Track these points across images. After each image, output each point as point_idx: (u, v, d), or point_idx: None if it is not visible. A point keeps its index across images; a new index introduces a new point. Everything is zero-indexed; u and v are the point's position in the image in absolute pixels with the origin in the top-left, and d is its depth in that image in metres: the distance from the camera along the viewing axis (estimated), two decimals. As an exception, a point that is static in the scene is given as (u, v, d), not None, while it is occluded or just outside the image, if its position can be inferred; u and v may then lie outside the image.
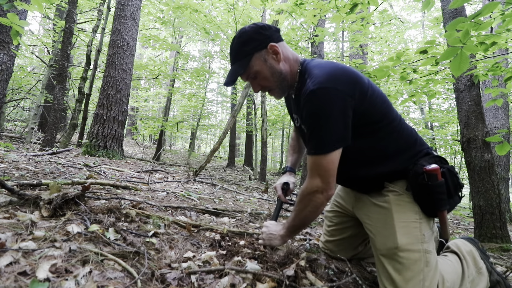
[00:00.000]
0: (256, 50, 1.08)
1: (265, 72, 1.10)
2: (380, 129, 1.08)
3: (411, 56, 3.16)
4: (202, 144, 25.35)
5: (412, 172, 1.06)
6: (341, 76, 0.99)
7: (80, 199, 1.27)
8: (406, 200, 1.08)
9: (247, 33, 1.09)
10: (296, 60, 1.14)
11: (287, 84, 1.14)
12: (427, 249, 1.02)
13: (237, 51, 1.10)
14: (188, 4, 5.69)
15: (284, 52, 1.11)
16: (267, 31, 1.09)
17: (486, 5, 1.14)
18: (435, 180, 1.02)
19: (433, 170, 1.02)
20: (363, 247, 1.42)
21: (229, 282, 0.93)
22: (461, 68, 1.25)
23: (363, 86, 1.02)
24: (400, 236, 1.03)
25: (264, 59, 1.09)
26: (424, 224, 1.06)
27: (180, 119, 10.99)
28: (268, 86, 1.14)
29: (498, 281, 1.22)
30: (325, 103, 0.96)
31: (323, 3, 3.14)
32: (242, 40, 1.09)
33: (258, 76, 1.12)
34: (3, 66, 3.61)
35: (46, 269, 0.76)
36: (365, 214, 1.19)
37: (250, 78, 1.13)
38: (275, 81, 1.12)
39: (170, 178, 3.45)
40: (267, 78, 1.11)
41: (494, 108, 4.89)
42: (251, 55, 1.08)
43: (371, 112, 1.05)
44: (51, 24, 9.49)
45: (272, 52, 1.09)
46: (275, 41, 1.09)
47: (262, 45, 1.08)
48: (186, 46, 15.02)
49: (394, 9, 14.17)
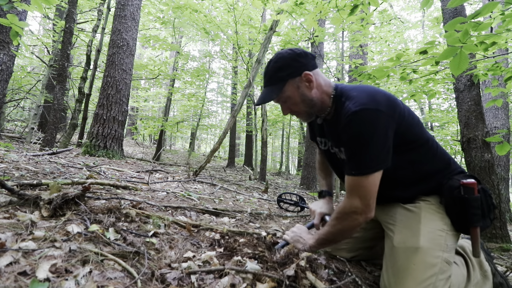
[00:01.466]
0: (290, 77, 1.11)
1: (296, 98, 1.13)
2: (416, 149, 1.11)
3: (411, 56, 3.16)
4: (202, 144, 25.34)
5: (447, 185, 1.08)
6: (381, 98, 1.01)
7: (80, 199, 1.27)
8: (437, 211, 1.10)
9: (284, 59, 1.11)
10: (329, 86, 1.16)
11: (316, 110, 1.17)
12: (447, 259, 1.02)
13: (272, 75, 1.14)
14: (188, 4, 5.69)
15: (317, 79, 1.14)
16: (303, 58, 1.12)
17: (485, 5, 1.15)
18: (471, 194, 1.03)
19: (470, 183, 1.03)
20: (364, 250, 1.41)
21: (229, 282, 0.93)
22: (461, 67, 1.25)
23: (400, 108, 1.05)
24: (423, 239, 1.03)
25: (297, 86, 1.12)
26: (450, 236, 1.06)
27: (180, 119, 10.99)
28: (297, 111, 1.18)
29: (501, 283, 1.22)
30: (368, 124, 0.98)
31: (324, 3, 3.14)
32: (278, 66, 1.12)
33: (289, 101, 1.15)
34: (3, 66, 3.61)
35: (46, 269, 0.76)
36: (388, 215, 1.20)
37: (281, 101, 1.17)
38: (305, 107, 1.15)
39: (170, 178, 3.45)
40: (297, 104, 1.15)
41: (494, 108, 4.89)
42: (286, 81, 1.11)
43: (408, 133, 1.07)
44: (51, 24, 9.49)
45: (305, 80, 1.11)
46: (310, 69, 1.12)
47: (297, 72, 1.11)
48: (186, 46, 15.02)
49: (394, 9, 14.18)
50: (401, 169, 1.11)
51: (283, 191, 4.65)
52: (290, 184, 6.71)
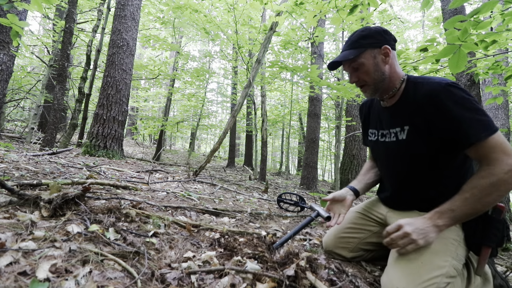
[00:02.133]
0: (370, 46, 1.15)
1: (370, 67, 1.16)
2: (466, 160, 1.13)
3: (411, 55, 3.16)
4: (202, 144, 25.34)
5: None
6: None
7: (80, 199, 1.27)
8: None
9: (369, 30, 1.17)
10: (400, 72, 1.21)
11: (383, 86, 1.19)
12: (456, 266, 1.02)
13: (354, 40, 1.18)
14: (188, 4, 5.69)
15: (393, 58, 1.19)
16: (387, 35, 1.18)
17: (484, 3, 1.14)
18: (499, 215, 1.04)
19: (501, 206, 1.05)
20: (365, 252, 1.41)
21: (229, 282, 0.93)
22: (459, 66, 1.26)
23: None
24: (435, 242, 1.03)
25: (374, 56, 1.16)
26: (461, 248, 1.07)
27: (180, 119, 10.99)
28: (366, 80, 1.19)
29: (501, 285, 1.21)
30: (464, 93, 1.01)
31: (324, 3, 3.14)
32: (363, 34, 1.17)
33: (361, 68, 1.17)
34: (3, 66, 3.61)
35: (46, 269, 0.76)
36: (401, 217, 1.18)
37: (352, 67, 1.19)
38: (374, 79, 1.18)
39: (170, 178, 3.45)
40: (369, 73, 1.17)
41: (494, 108, 4.89)
42: (365, 48, 1.16)
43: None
44: (51, 24, 9.50)
45: (383, 53, 1.16)
46: (390, 47, 1.17)
47: (378, 44, 1.16)
48: (186, 46, 15.02)
49: (394, 9, 14.17)
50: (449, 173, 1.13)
51: (283, 191, 4.65)
52: (290, 184, 6.72)
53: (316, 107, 6.32)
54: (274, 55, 7.36)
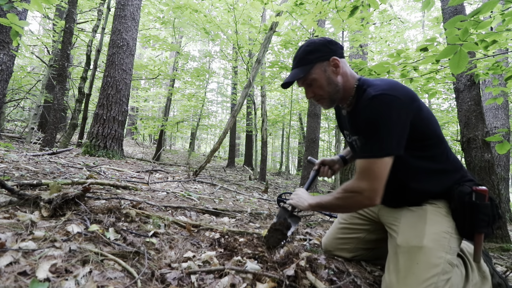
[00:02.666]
0: (319, 60, 1.15)
1: (322, 81, 1.16)
2: (432, 146, 1.12)
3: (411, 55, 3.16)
4: (202, 144, 25.34)
5: (457, 191, 1.09)
6: (402, 89, 1.05)
7: (80, 199, 1.27)
8: (444, 214, 1.10)
9: (314, 44, 1.17)
10: (353, 77, 1.20)
11: (339, 96, 1.19)
12: (450, 260, 1.03)
13: (301, 57, 1.18)
14: (188, 4, 5.69)
15: (343, 67, 1.18)
16: (333, 46, 1.17)
17: (485, 3, 1.14)
18: (483, 200, 1.04)
19: (483, 190, 1.05)
20: (365, 251, 1.41)
21: (229, 282, 0.93)
22: (460, 66, 1.26)
23: (419, 102, 1.08)
24: (428, 239, 1.04)
25: (324, 70, 1.15)
26: (454, 239, 1.07)
27: (180, 119, 10.99)
28: (320, 94, 1.19)
29: (500, 283, 1.22)
30: (387, 108, 1.00)
31: (323, 3, 3.14)
32: (308, 50, 1.16)
33: (314, 84, 1.17)
34: (3, 66, 3.61)
35: (46, 269, 0.76)
36: (392, 216, 1.20)
37: (306, 84, 1.19)
38: (329, 92, 1.17)
39: (170, 178, 3.45)
40: (322, 87, 1.17)
41: (494, 108, 4.89)
42: (314, 63, 1.15)
43: (424, 128, 1.09)
44: (51, 24, 9.49)
45: (333, 65, 1.15)
46: (338, 57, 1.16)
47: (326, 57, 1.15)
48: (186, 46, 15.01)
49: (394, 9, 14.17)
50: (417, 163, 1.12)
51: (283, 191, 4.65)
52: (290, 184, 6.71)
53: (316, 107, 6.33)
54: (274, 55, 7.36)
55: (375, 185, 1.03)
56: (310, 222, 2.16)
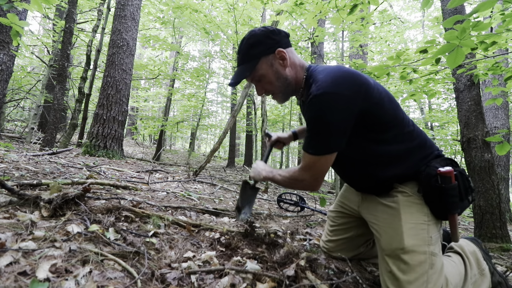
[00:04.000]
0: (263, 54, 1.10)
1: (270, 76, 1.12)
2: (390, 129, 1.08)
3: (411, 56, 3.16)
4: (202, 144, 25.33)
5: (424, 174, 1.06)
6: (346, 80, 0.99)
7: (80, 199, 1.27)
8: (416, 202, 1.08)
9: (256, 36, 1.10)
10: (302, 67, 1.15)
11: (291, 90, 1.16)
12: (433, 252, 1.02)
13: (245, 53, 1.12)
14: (188, 4, 5.69)
15: (291, 58, 1.13)
16: (276, 36, 1.11)
17: (482, 2, 1.14)
18: (448, 183, 1.01)
19: (447, 172, 1.02)
20: (365, 248, 1.41)
21: (229, 282, 0.93)
22: (457, 61, 1.26)
23: (368, 88, 1.02)
24: (407, 237, 1.03)
25: (270, 64, 1.11)
26: (432, 227, 1.05)
27: (180, 119, 10.99)
28: (271, 90, 1.16)
29: (500, 282, 1.22)
30: (327, 108, 0.98)
31: (324, 3, 3.14)
32: (251, 43, 1.10)
33: (263, 79, 1.13)
34: (3, 66, 3.61)
35: (46, 269, 0.76)
36: (371, 213, 1.19)
37: (255, 80, 1.15)
38: (279, 86, 1.14)
39: (170, 178, 3.45)
40: (272, 83, 1.13)
41: (494, 108, 4.89)
42: (259, 58, 1.10)
43: (379, 113, 1.05)
44: (51, 24, 9.50)
45: (279, 57, 1.10)
46: (283, 47, 1.11)
47: (270, 49, 1.09)
48: (186, 46, 15.01)
49: (394, 9, 14.17)
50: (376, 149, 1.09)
51: (283, 191, 4.65)
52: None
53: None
54: (274, 55, 7.33)
55: (316, 177, 1.09)
56: (310, 222, 2.16)
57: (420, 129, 1.18)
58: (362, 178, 1.18)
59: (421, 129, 1.18)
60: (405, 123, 1.11)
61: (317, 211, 2.39)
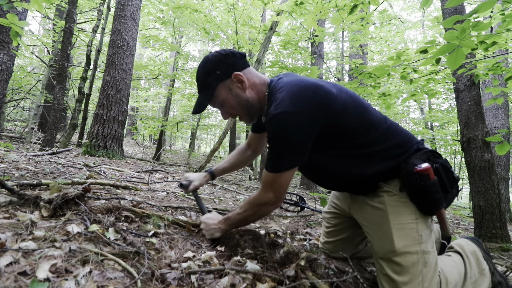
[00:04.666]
0: (220, 80, 1.09)
1: (231, 101, 1.11)
2: (360, 134, 1.07)
3: (411, 56, 3.16)
4: (202, 144, 25.32)
5: (404, 171, 1.04)
6: (304, 97, 0.97)
7: (80, 199, 1.27)
8: (401, 200, 1.06)
9: (210, 63, 1.09)
10: (264, 84, 1.14)
11: (255, 110, 1.15)
12: (425, 250, 1.02)
13: (202, 81, 1.11)
14: (188, 4, 5.68)
15: (250, 78, 1.11)
16: (230, 59, 1.09)
17: (482, 2, 1.14)
18: (427, 180, 1.00)
19: (424, 170, 1.00)
20: (364, 246, 1.42)
21: (229, 282, 0.93)
22: (457, 62, 1.26)
23: (329, 100, 1.00)
24: (397, 239, 1.02)
25: (229, 89, 1.10)
26: (421, 224, 1.04)
27: (180, 119, 10.97)
28: (235, 114, 1.16)
29: (500, 282, 1.22)
30: (286, 127, 0.97)
31: (324, 3, 3.14)
32: (206, 70, 1.10)
33: (225, 105, 1.13)
34: (3, 66, 3.61)
35: (46, 269, 0.76)
36: (361, 216, 1.19)
37: (218, 106, 1.15)
38: (242, 109, 1.13)
39: (170, 178, 3.45)
40: (234, 107, 1.13)
41: (494, 108, 4.89)
42: (216, 85, 1.09)
43: (345, 122, 1.04)
44: (51, 24, 9.49)
45: (236, 81, 1.09)
46: (239, 69, 1.09)
47: (226, 74, 1.08)
48: (186, 46, 15.00)
49: (394, 9, 14.17)
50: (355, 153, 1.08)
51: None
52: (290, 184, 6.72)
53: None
54: (274, 55, 7.36)
55: (280, 193, 1.09)
56: (310, 222, 2.16)
57: (396, 124, 1.16)
58: (343, 182, 1.17)
59: (397, 124, 1.16)
60: (376, 124, 1.09)
61: (317, 211, 2.39)
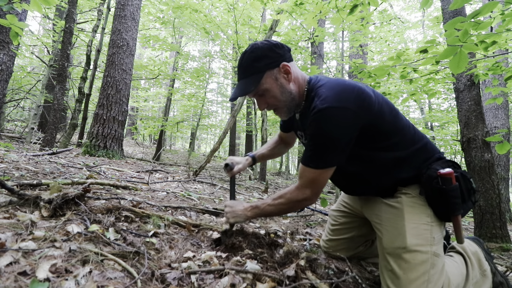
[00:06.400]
0: (268, 68, 1.07)
1: (275, 91, 1.09)
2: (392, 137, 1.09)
3: (411, 56, 3.16)
4: (202, 144, 25.32)
5: (425, 176, 1.06)
6: (350, 95, 0.99)
7: (80, 199, 1.27)
8: (419, 203, 1.08)
9: (260, 49, 1.07)
10: (304, 80, 1.14)
11: (295, 104, 1.14)
12: (435, 252, 1.02)
13: (248, 66, 1.08)
14: (188, 4, 5.68)
15: (294, 72, 1.11)
16: (280, 49, 1.09)
17: (485, 4, 1.14)
18: (449, 184, 1.02)
19: (447, 174, 1.02)
20: (364, 247, 1.42)
21: (229, 282, 0.93)
22: (460, 66, 1.25)
23: (370, 101, 1.02)
24: (410, 236, 1.03)
25: (275, 78, 1.08)
26: (435, 228, 1.06)
27: (180, 119, 10.98)
28: (275, 104, 1.13)
29: (501, 282, 1.22)
30: (331, 122, 0.98)
31: (324, 3, 3.14)
32: (254, 56, 1.07)
33: (267, 94, 1.10)
34: (3, 66, 3.61)
35: (46, 269, 0.76)
36: (375, 213, 1.19)
37: (258, 95, 1.12)
38: (284, 101, 1.11)
39: (170, 178, 3.45)
40: (277, 97, 1.10)
41: (494, 108, 4.88)
42: (263, 72, 1.07)
43: (381, 124, 1.06)
44: (51, 24, 9.49)
45: (284, 71, 1.08)
46: (287, 61, 1.09)
47: (275, 63, 1.07)
48: (186, 46, 15.01)
49: (394, 9, 14.17)
50: (382, 155, 1.10)
51: (283, 191, 4.65)
52: (290, 184, 6.71)
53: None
54: (274, 55, 7.33)
55: (317, 190, 1.09)
56: (310, 222, 2.16)
57: (421, 133, 1.18)
58: (365, 186, 1.19)
59: (422, 133, 1.19)
60: (406, 129, 1.12)
61: (317, 211, 2.39)
